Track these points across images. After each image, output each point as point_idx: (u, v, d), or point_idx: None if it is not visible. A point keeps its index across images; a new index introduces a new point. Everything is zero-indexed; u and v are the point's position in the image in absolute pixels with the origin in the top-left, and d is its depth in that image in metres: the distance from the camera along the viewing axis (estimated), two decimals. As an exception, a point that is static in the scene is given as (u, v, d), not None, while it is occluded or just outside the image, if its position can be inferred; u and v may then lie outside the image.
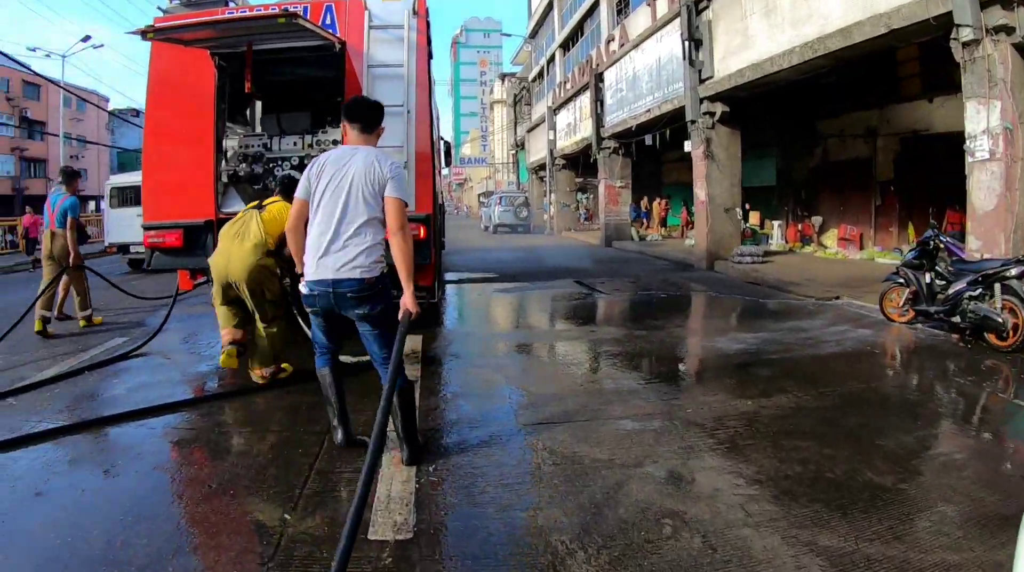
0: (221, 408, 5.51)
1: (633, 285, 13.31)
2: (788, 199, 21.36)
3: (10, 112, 52.53)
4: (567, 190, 35.52)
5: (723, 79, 15.55)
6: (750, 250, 16.01)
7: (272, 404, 5.52)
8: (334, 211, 3.98)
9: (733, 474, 3.97)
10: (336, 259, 3.98)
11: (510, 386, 6.04)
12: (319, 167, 4.09)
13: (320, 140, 7.95)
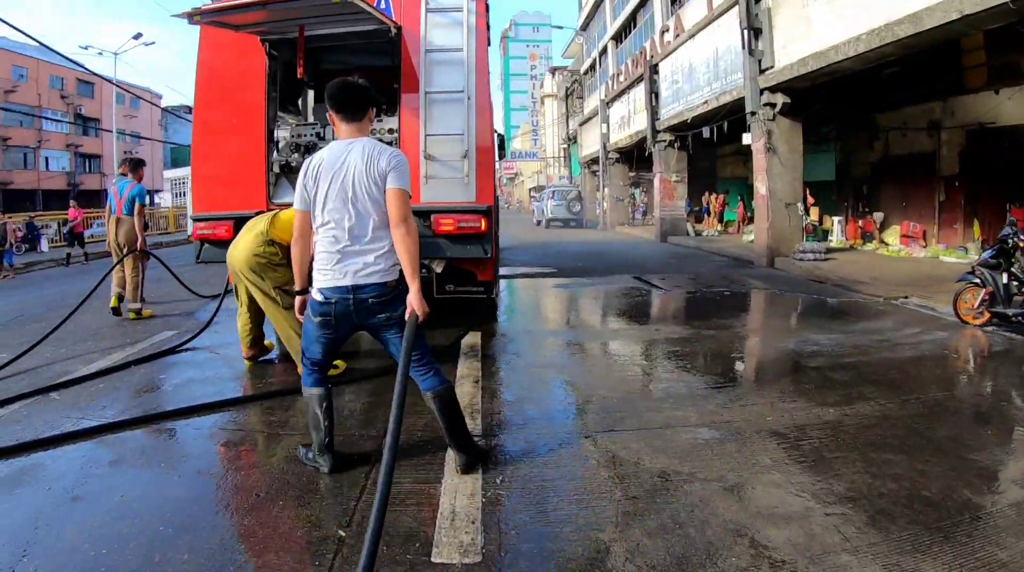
0: (271, 408, 5.32)
1: (693, 282, 12.93)
2: (847, 194, 20.69)
3: (65, 109, 54.10)
4: (620, 184, 34.88)
5: (784, 69, 14.97)
6: (812, 247, 15.45)
7: None
8: (344, 216, 3.72)
9: (824, 491, 3.65)
10: (354, 265, 3.74)
11: (575, 388, 5.78)
12: (314, 171, 3.79)
13: (375, 129, 7.70)
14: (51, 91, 53.70)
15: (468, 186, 6.88)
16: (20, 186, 50.81)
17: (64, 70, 51.98)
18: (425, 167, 6.85)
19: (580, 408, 5.22)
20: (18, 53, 49.57)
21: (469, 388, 5.58)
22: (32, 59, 50.67)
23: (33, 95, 51.21)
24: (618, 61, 34.63)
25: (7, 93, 48.76)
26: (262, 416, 5.14)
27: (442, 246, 6.98)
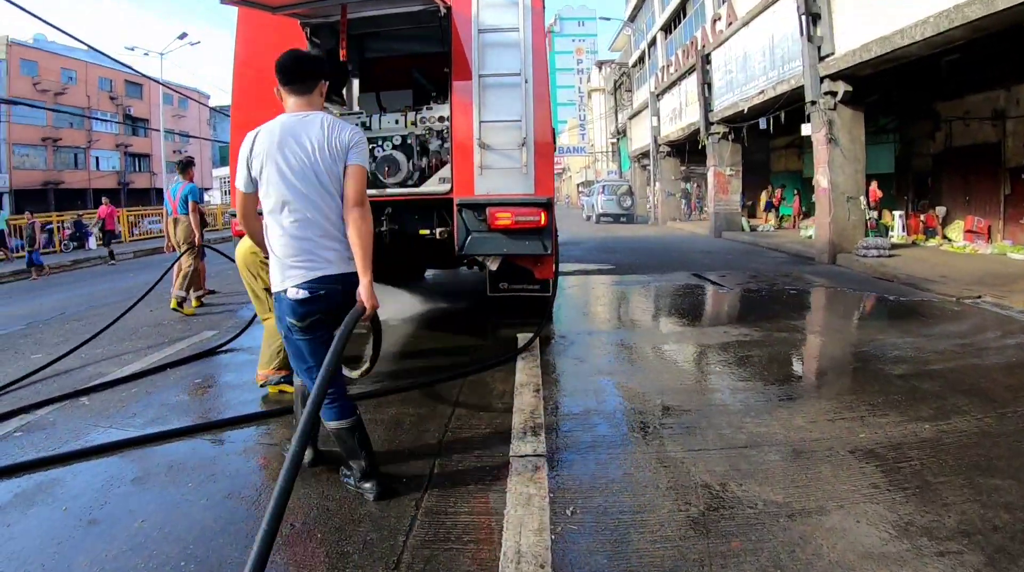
0: None
1: (754, 279, 12.25)
2: (908, 188, 19.79)
3: (114, 110, 54.73)
4: (672, 178, 34.06)
5: (846, 55, 14.18)
6: (876, 243, 14.66)
7: (370, 417, 4.80)
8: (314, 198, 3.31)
9: (934, 524, 3.11)
10: (340, 250, 3.35)
11: (646, 399, 5.16)
12: (262, 150, 3.35)
13: (425, 117, 7.25)
14: (100, 93, 54.39)
15: (526, 177, 6.37)
16: (71, 185, 51.52)
17: (113, 72, 52.68)
18: (479, 157, 6.36)
19: (654, 423, 4.63)
20: (67, 56, 50.50)
21: (530, 398, 5.06)
22: (81, 62, 51.42)
23: (82, 97, 51.91)
24: (668, 52, 33.72)
25: (57, 95, 49.36)
26: None
27: (498, 242, 6.49)
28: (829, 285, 11.45)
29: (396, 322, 8.38)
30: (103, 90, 54.76)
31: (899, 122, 19.53)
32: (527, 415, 4.63)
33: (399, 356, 6.66)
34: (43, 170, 50.27)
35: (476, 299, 10.09)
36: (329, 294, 3.34)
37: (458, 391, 5.34)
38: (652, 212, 35.20)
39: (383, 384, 5.54)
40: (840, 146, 15.23)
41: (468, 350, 6.95)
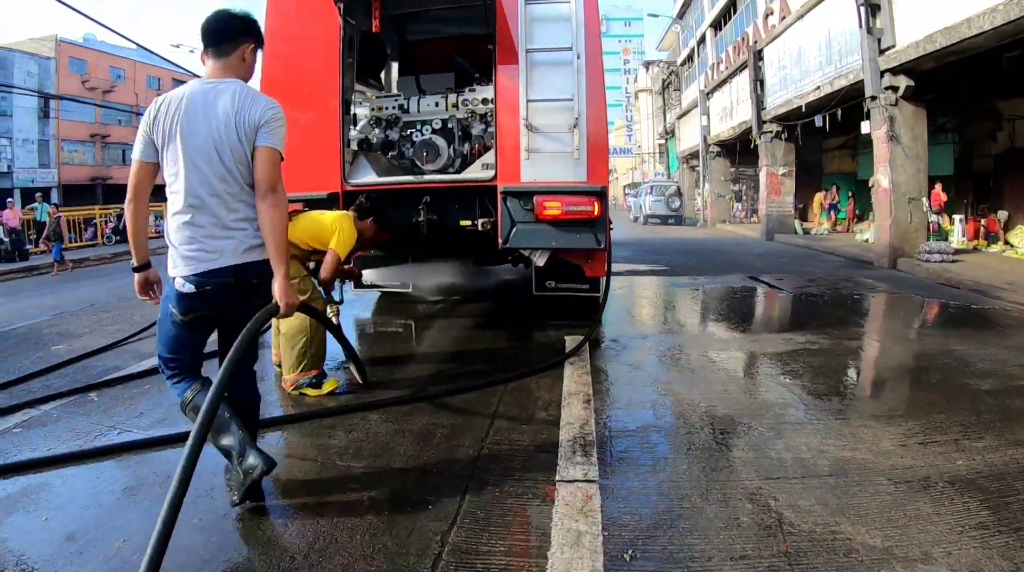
0: (330, 429, 4.31)
1: (813, 283, 11.51)
2: (967, 191, 18.77)
3: None
4: (721, 179, 33.22)
5: (907, 48, 13.40)
6: (939, 247, 13.88)
7: (397, 426, 4.30)
8: (213, 180, 2.86)
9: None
10: (237, 239, 2.92)
11: (712, 414, 4.51)
12: (166, 115, 2.87)
13: (467, 99, 6.78)
14: (148, 91, 54.45)
15: (578, 162, 5.82)
16: (119, 181, 51.15)
17: (161, 70, 53.47)
18: (527, 140, 5.82)
19: (724, 444, 4.00)
20: (116, 55, 51.47)
21: (579, 410, 4.48)
22: (129, 60, 52.48)
23: (131, 95, 52.21)
24: (718, 49, 32.94)
25: (105, 93, 50.15)
26: (319, 438, 4.17)
27: (546, 234, 5.95)
28: (893, 290, 10.72)
29: (430, 319, 7.93)
30: (151, 88, 54.95)
31: (958, 121, 18.69)
32: (576, 430, 4.06)
33: (432, 358, 6.15)
34: (91, 166, 51.26)
35: (519, 298, 9.57)
36: (217, 290, 2.92)
37: (498, 399, 4.78)
38: (701, 214, 34.41)
39: (412, 390, 5.05)
40: (901, 144, 14.54)
41: (510, 353, 6.39)
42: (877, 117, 14.79)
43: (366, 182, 6.30)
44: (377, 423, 4.35)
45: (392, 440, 4.04)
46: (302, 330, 4.91)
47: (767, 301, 9.80)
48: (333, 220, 5.13)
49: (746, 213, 33.73)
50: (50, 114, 47.61)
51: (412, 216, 6.40)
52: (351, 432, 4.21)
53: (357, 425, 4.33)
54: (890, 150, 14.58)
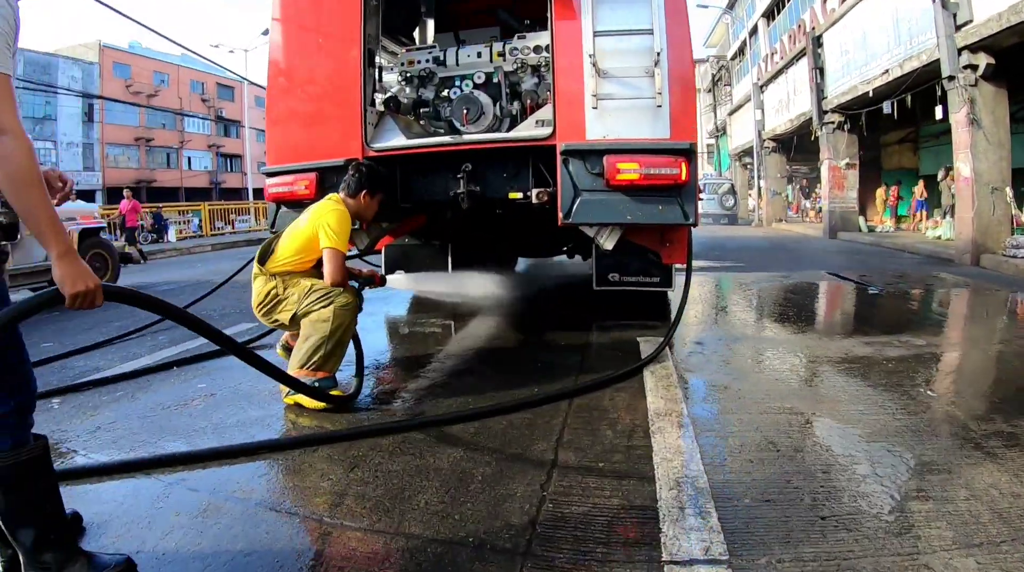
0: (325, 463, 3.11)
1: (901, 279, 10.17)
2: None
3: (206, 112, 56.12)
4: (777, 176, 31.61)
5: (988, 21, 12.09)
6: None
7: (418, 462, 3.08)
8: None
9: None
10: None
11: (865, 448, 3.17)
12: None
13: (516, 48, 5.65)
14: (192, 95, 55.91)
15: (659, 112, 4.59)
16: (164, 184, 52.81)
17: (204, 75, 54.74)
18: (593, 84, 4.59)
19: (894, 493, 2.67)
20: (159, 60, 52.31)
21: (676, 439, 3.25)
22: (172, 65, 53.25)
23: (174, 99, 53.01)
24: (771, 40, 31.69)
25: (149, 97, 50.50)
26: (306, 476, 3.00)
27: (618, 206, 4.71)
28: (994, 288, 9.37)
29: (470, 318, 6.73)
30: (195, 92, 56.35)
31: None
32: (678, 472, 2.83)
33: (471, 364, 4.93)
34: (136, 169, 51.56)
35: (574, 294, 8.34)
36: None
37: (561, 422, 3.54)
38: (755, 213, 33.11)
39: (438, 408, 3.86)
40: (983, 129, 13.22)
41: (569, 359, 5.04)
42: (956, 99, 13.60)
43: (392, 146, 5.18)
44: (391, 455, 3.14)
45: (410, 484, 2.82)
46: (324, 321, 3.86)
47: (862, 299, 8.41)
48: (313, 220, 4.12)
49: (800, 212, 32.38)
50: (94, 118, 48.11)
51: (450, 188, 5.27)
52: (353, 468, 3.00)
53: (363, 458, 3.12)
54: (971, 135, 13.33)
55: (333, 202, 4.21)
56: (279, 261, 4.11)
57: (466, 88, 5.56)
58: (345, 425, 3.61)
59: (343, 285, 4.01)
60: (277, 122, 5.64)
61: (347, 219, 4.12)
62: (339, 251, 3.99)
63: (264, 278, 4.10)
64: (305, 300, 3.94)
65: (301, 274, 4.10)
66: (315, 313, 3.90)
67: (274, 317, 4.11)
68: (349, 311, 3.94)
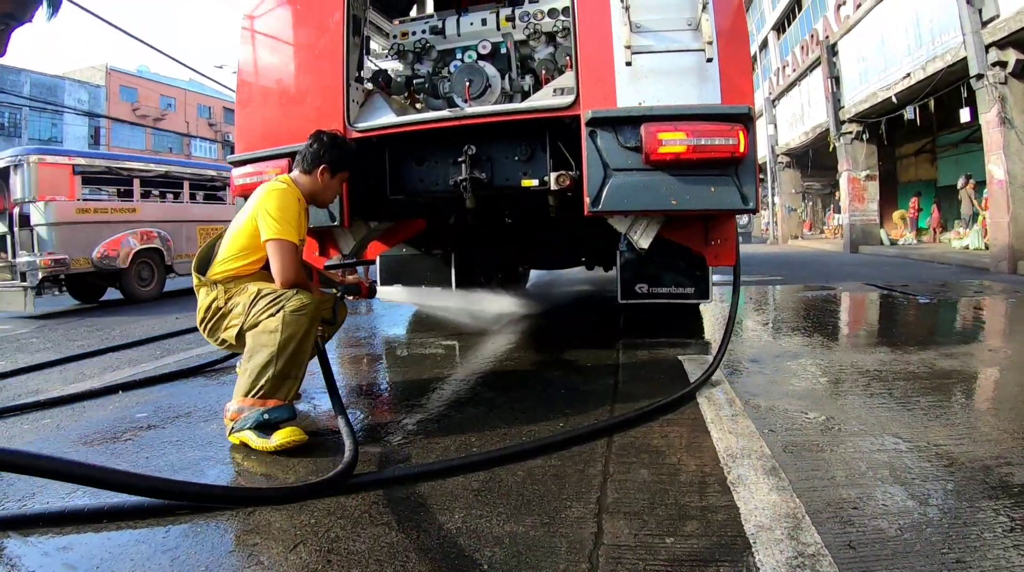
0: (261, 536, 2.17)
1: (945, 289, 9.28)
2: None
3: (213, 136, 55.97)
4: (792, 192, 31.05)
5: (1017, 14, 11.67)
6: None
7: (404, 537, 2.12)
8: None
9: None
10: None
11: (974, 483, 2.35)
12: None
13: (527, 13, 4.82)
14: (199, 119, 55.88)
15: (708, 70, 3.70)
16: None
17: (211, 99, 55.05)
18: (626, 35, 3.70)
19: None
20: (167, 84, 52.67)
21: (765, 492, 2.30)
22: (180, 90, 53.51)
23: (181, 123, 52.92)
24: (782, 53, 31.42)
25: (156, 121, 50.33)
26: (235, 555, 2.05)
27: (660, 188, 3.77)
28: None
29: (478, 336, 5.82)
30: (202, 116, 56.35)
31: None
32: (786, 544, 1.91)
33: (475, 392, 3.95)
34: None
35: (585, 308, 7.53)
36: None
37: (600, 471, 2.57)
38: (770, 230, 32.75)
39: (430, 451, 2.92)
40: (1015, 128, 12.70)
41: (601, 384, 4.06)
42: (985, 98, 13.12)
43: (379, 125, 4.33)
44: (356, 526, 2.19)
45: (391, 570, 1.92)
46: (272, 332, 2.96)
47: (916, 310, 7.51)
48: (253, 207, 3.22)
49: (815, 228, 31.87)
50: (100, 141, 47.96)
51: (450, 176, 4.41)
52: (296, 546, 2.06)
53: (315, 528, 2.18)
54: (1003, 135, 12.83)
55: (276, 182, 3.31)
56: (221, 265, 3.22)
57: (469, 59, 4.73)
58: (304, 474, 2.69)
59: (298, 285, 3.13)
60: (248, 103, 4.79)
61: (292, 201, 3.22)
62: (285, 242, 3.09)
63: (206, 288, 3.22)
64: (251, 310, 3.04)
65: (249, 278, 3.21)
66: (262, 324, 2.99)
67: (219, 336, 3.22)
68: (305, 317, 2.98)
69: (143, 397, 4.13)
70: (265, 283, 3.15)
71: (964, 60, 13.27)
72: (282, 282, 3.08)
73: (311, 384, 4.03)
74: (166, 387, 4.38)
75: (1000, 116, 12.72)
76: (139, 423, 3.53)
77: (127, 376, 4.72)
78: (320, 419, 3.49)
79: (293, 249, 3.13)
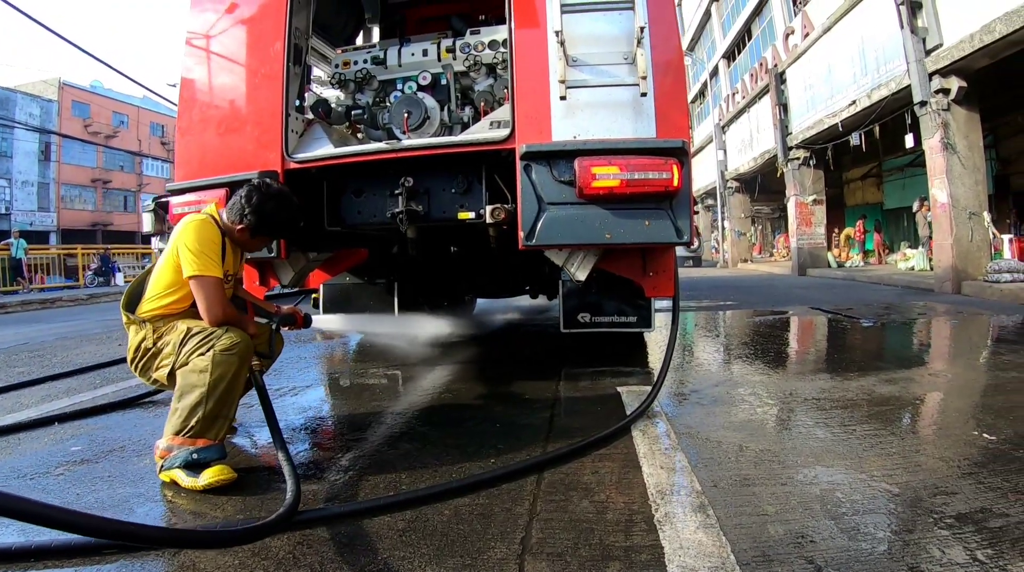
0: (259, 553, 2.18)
1: (889, 312, 9.52)
2: (1008, 211, 18.04)
3: (166, 155, 55.46)
4: (741, 216, 31.52)
5: (961, 43, 12.19)
6: (1009, 265, 12.35)
7: None
8: None
9: None
10: None
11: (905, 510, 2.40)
12: None
13: (468, 44, 4.84)
14: (152, 138, 55.61)
15: (643, 104, 3.72)
16: (120, 227, 51.94)
17: (164, 118, 54.76)
18: (561, 70, 3.72)
19: None
20: (119, 100, 52.16)
21: (691, 531, 2.27)
22: (133, 107, 53.10)
23: (133, 141, 52.35)
24: (732, 80, 32.13)
25: (108, 138, 49.89)
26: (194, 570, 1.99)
27: (596, 222, 3.77)
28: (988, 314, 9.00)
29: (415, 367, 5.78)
30: (155, 135, 56.25)
31: (994, 137, 17.96)
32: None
33: (410, 427, 3.85)
34: (92, 211, 51.31)
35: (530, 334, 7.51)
36: None
37: (527, 510, 2.53)
38: (721, 254, 33.12)
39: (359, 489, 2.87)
40: (958, 153, 13.25)
41: (536, 417, 3.99)
42: (928, 125, 13.66)
43: (317, 156, 4.30)
44: (289, 562, 2.15)
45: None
46: (202, 372, 2.89)
47: (863, 334, 7.63)
48: (173, 242, 3.11)
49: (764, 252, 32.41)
50: (51, 157, 47.61)
51: (387, 208, 4.39)
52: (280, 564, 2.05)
53: (247, 567, 2.13)
54: (946, 160, 13.33)
55: (196, 215, 3.21)
56: (149, 303, 3.12)
57: (409, 90, 4.72)
58: (233, 512, 2.62)
59: (227, 321, 3.05)
60: (188, 131, 4.71)
61: (212, 233, 3.11)
62: (207, 278, 2.99)
63: (135, 326, 3.12)
64: (182, 349, 2.96)
65: (178, 316, 3.12)
66: (192, 363, 2.91)
67: (151, 375, 3.11)
68: (235, 356, 2.91)
69: (79, 429, 4.03)
70: (195, 321, 3.06)
71: (908, 88, 13.69)
72: (210, 320, 3.01)
73: (249, 417, 3.97)
74: (102, 419, 4.28)
75: (943, 142, 13.13)
76: (73, 457, 3.44)
77: (64, 406, 4.61)
78: (254, 454, 3.43)
79: (217, 284, 3.03)
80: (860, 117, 16.69)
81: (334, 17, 5.85)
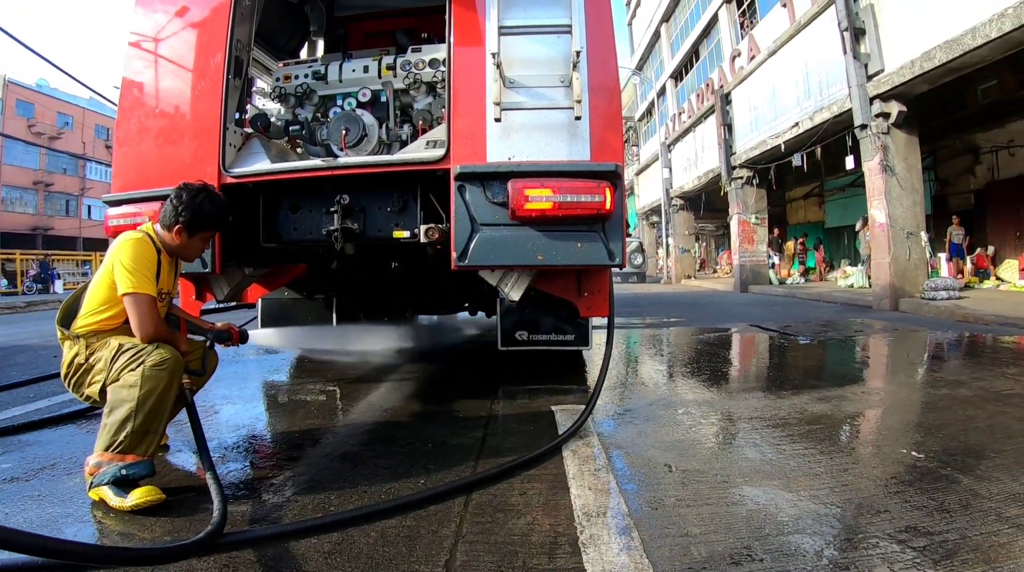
0: None
1: (827, 329, 9.70)
2: (946, 229, 18.33)
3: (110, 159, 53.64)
4: (685, 233, 31.96)
5: (901, 69, 12.63)
6: (945, 283, 12.94)
7: None
8: None
9: None
10: None
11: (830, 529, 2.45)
12: None
13: (409, 62, 4.87)
14: (96, 140, 54.02)
15: (578, 128, 3.78)
16: (61, 232, 50.61)
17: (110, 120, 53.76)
18: (496, 92, 3.75)
19: None
20: (65, 101, 50.77)
21: (614, 553, 2.28)
22: (79, 108, 51.78)
23: (78, 144, 50.99)
24: (679, 99, 32.42)
25: (52, 139, 48.56)
26: None
27: (527, 243, 3.82)
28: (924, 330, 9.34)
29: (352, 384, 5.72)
30: (100, 138, 54.50)
31: (933, 159, 18.75)
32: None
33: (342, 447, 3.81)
34: (32, 214, 49.74)
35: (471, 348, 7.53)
36: None
37: (453, 532, 2.53)
38: (665, 270, 33.27)
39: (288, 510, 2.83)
40: (896, 175, 13.77)
41: (466, 434, 4.01)
42: (869, 147, 14.10)
43: (253, 171, 4.27)
44: None
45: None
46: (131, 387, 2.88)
47: (800, 352, 7.77)
48: (109, 259, 3.14)
49: (708, 269, 32.68)
50: None
51: (323, 225, 4.37)
52: None
53: None
54: (885, 182, 13.80)
55: (132, 233, 3.20)
56: (83, 318, 3.11)
57: (348, 107, 4.71)
58: (162, 533, 2.59)
59: (159, 338, 3.04)
60: (126, 141, 4.63)
61: (148, 251, 3.13)
62: (140, 295, 3.01)
63: (69, 342, 3.11)
64: (113, 365, 2.94)
65: (111, 333, 3.10)
66: (122, 379, 2.91)
67: (83, 391, 3.10)
68: (164, 372, 2.91)
69: (9, 445, 3.94)
70: (128, 338, 3.06)
71: (850, 111, 14.08)
72: (142, 337, 3.00)
73: (181, 435, 3.90)
74: (34, 435, 4.19)
75: (882, 164, 13.56)
76: (3, 474, 3.37)
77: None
78: (186, 473, 3.37)
79: (150, 302, 3.04)
80: (803, 138, 17.07)
81: (279, 29, 5.85)
